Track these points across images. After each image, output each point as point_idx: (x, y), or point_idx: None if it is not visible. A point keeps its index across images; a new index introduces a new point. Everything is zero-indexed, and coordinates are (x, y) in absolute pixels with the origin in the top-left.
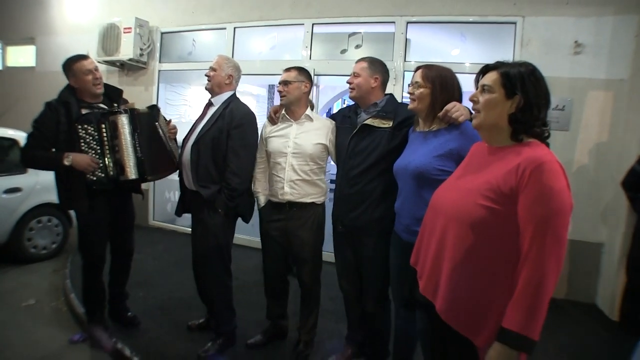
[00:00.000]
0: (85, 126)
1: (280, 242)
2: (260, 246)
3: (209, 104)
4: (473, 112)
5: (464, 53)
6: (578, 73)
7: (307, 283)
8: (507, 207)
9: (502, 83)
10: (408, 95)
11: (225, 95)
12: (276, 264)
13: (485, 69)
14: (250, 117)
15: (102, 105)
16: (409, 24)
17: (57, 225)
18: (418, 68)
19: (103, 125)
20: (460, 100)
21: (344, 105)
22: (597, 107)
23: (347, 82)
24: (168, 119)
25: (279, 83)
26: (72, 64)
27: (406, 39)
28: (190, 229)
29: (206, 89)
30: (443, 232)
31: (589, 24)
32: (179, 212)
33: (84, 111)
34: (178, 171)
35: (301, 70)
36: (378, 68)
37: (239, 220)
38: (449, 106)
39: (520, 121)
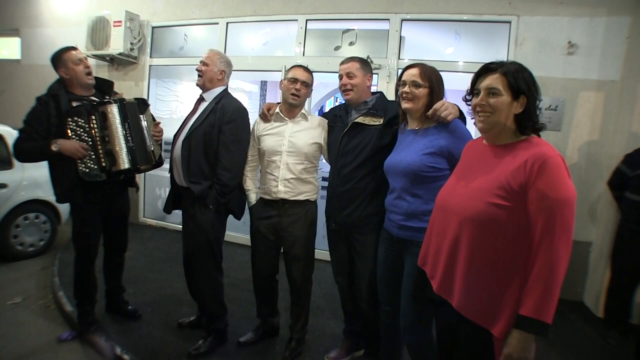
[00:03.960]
0: (76, 118)
1: (271, 240)
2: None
3: (201, 99)
4: (473, 114)
5: (458, 52)
6: (571, 73)
7: (298, 281)
8: (518, 202)
9: (509, 85)
10: (404, 95)
11: (217, 90)
12: (265, 263)
13: (484, 71)
14: (242, 112)
15: (93, 98)
16: (403, 22)
17: (45, 222)
18: (409, 67)
19: (93, 117)
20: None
21: (337, 103)
22: (588, 108)
23: (342, 84)
24: (158, 121)
25: (296, 80)
26: (61, 54)
27: (400, 37)
28: (180, 226)
29: (197, 84)
30: (457, 233)
31: (582, 24)
32: (168, 208)
33: (74, 104)
34: (169, 167)
35: (312, 75)
36: (369, 67)
37: (231, 217)
38: (437, 105)
39: (526, 119)
